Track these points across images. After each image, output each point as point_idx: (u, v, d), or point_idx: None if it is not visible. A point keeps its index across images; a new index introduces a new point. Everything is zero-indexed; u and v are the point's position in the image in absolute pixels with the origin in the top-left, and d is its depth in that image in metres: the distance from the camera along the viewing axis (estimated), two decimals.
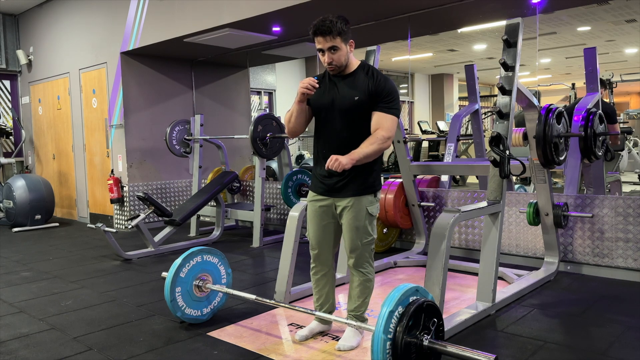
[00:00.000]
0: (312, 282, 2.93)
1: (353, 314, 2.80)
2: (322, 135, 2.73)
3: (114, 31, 6.62)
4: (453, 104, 14.21)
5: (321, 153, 2.72)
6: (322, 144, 2.73)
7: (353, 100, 2.61)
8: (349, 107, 2.62)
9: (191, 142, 6.33)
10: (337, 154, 2.51)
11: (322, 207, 2.76)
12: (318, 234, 2.81)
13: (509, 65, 3.23)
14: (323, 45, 2.58)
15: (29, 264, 4.94)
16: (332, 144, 2.67)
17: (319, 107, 2.70)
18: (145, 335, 3.04)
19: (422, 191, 4.90)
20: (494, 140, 3.10)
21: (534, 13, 4.86)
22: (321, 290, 2.91)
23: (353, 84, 2.64)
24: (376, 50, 4.09)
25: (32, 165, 8.58)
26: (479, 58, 11.75)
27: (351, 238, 2.70)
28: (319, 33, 2.58)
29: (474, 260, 4.40)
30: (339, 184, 2.67)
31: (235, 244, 5.68)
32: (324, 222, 2.78)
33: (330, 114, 2.66)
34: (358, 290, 2.77)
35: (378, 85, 2.61)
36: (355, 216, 2.67)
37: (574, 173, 4.30)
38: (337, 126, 2.65)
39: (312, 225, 2.81)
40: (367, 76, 2.65)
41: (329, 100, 2.66)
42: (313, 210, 2.79)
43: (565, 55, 11.58)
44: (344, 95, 2.63)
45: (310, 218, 2.82)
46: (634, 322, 3.02)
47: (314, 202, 2.79)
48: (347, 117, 2.63)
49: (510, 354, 2.64)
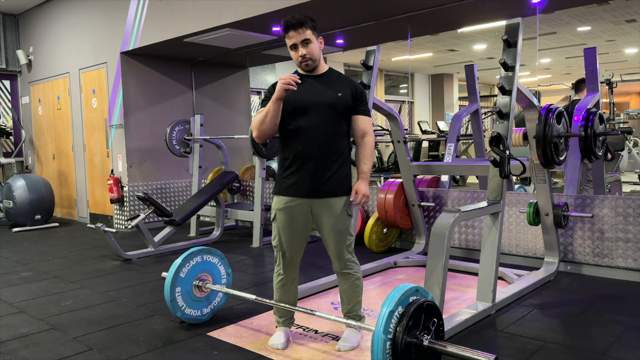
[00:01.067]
0: (278, 293, 2.78)
1: (350, 315, 2.78)
2: (299, 135, 2.59)
3: (113, 31, 6.62)
4: (453, 104, 14.22)
5: (296, 152, 2.59)
6: (296, 143, 2.59)
7: (337, 96, 2.60)
8: (332, 104, 2.59)
9: (191, 142, 6.33)
10: (318, 152, 2.55)
11: (299, 211, 2.64)
12: (294, 241, 2.68)
13: (509, 65, 3.23)
14: (296, 40, 2.57)
15: (29, 264, 4.94)
16: (310, 140, 2.57)
17: (300, 105, 2.58)
18: (145, 335, 3.04)
19: (422, 191, 4.90)
20: (494, 140, 3.10)
21: (534, 13, 4.86)
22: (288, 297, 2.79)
23: (329, 83, 2.65)
24: (376, 50, 4.09)
25: (32, 165, 8.58)
26: (479, 58, 11.75)
27: (335, 243, 2.66)
28: (290, 27, 2.56)
29: (474, 260, 4.40)
30: (323, 186, 2.59)
31: (235, 244, 5.68)
32: (299, 227, 2.67)
33: (311, 112, 2.58)
34: (350, 292, 2.75)
35: (357, 88, 2.68)
36: (337, 219, 2.63)
37: (574, 173, 4.30)
38: (319, 122, 2.58)
39: (287, 232, 2.66)
40: (342, 79, 2.69)
41: (311, 97, 2.59)
42: (288, 215, 2.63)
43: (565, 55, 11.58)
44: (326, 92, 2.61)
45: (284, 225, 2.65)
46: (634, 322, 3.02)
47: (291, 206, 2.62)
48: (329, 113, 2.60)
49: (510, 354, 2.64)
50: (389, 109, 4.35)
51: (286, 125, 2.61)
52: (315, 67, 2.65)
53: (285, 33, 2.59)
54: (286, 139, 2.64)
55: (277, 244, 2.71)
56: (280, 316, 2.84)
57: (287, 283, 2.78)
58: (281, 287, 2.78)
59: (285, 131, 2.63)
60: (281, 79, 2.47)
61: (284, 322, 2.85)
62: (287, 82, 2.45)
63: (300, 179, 2.60)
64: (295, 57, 2.62)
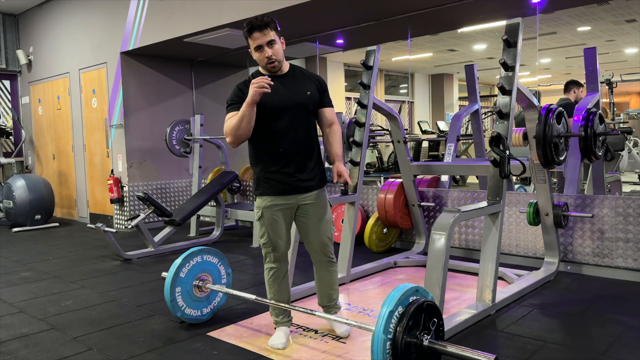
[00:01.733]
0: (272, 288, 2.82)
1: (332, 304, 2.94)
2: (278, 137, 2.64)
3: (114, 31, 6.62)
4: (453, 104, 14.21)
5: (277, 154, 2.65)
6: (276, 144, 2.64)
7: (306, 95, 2.69)
8: (303, 102, 2.67)
9: (191, 142, 6.33)
10: (298, 151, 2.65)
11: (286, 208, 2.71)
12: (283, 235, 2.74)
13: (509, 65, 3.23)
14: (261, 41, 2.58)
15: (29, 264, 4.94)
16: (289, 141, 2.64)
17: (275, 107, 2.62)
18: (145, 335, 3.04)
19: (422, 191, 4.90)
20: (494, 140, 3.10)
21: (534, 13, 4.86)
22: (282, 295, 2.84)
23: (296, 81, 2.71)
24: (376, 50, 4.09)
25: (32, 165, 8.58)
26: (479, 58, 11.74)
27: (322, 232, 2.78)
28: (255, 29, 2.58)
29: (474, 260, 4.40)
30: (306, 181, 2.69)
31: (235, 244, 5.68)
32: (287, 222, 2.74)
33: (286, 113, 2.64)
34: (333, 281, 2.90)
35: (321, 82, 2.78)
36: (321, 209, 2.76)
37: (574, 173, 4.30)
38: (294, 122, 2.65)
39: (276, 228, 2.71)
40: (305, 75, 2.76)
41: (284, 98, 2.63)
42: (275, 213, 2.70)
43: (565, 55, 11.57)
44: (296, 92, 2.67)
45: (271, 222, 2.70)
46: (634, 322, 3.02)
47: (276, 205, 2.69)
48: (302, 112, 2.68)
49: (510, 354, 2.64)
50: (389, 109, 4.35)
51: (262, 127, 2.63)
52: (280, 67, 2.69)
53: (250, 34, 2.60)
54: (264, 141, 2.67)
55: (267, 241, 2.75)
56: (278, 315, 2.87)
57: (279, 276, 2.83)
58: (274, 282, 2.82)
59: (262, 133, 2.65)
60: (253, 82, 2.48)
61: (283, 322, 2.87)
62: (261, 85, 2.46)
63: (285, 178, 2.67)
64: (261, 58, 2.63)
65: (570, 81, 5.73)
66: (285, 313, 2.87)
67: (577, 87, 5.68)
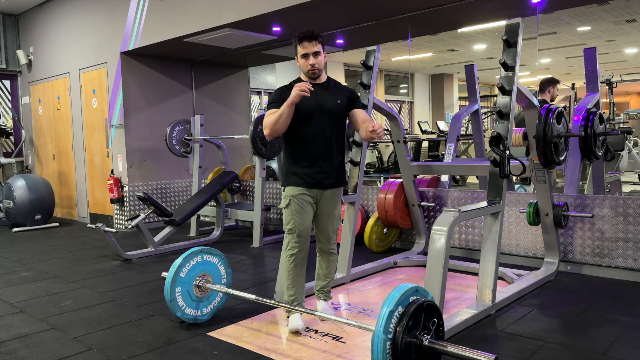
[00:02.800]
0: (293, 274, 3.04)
1: (325, 289, 3.23)
2: (306, 135, 2.97)
3: (114, 31, 6.62)
4: (453, 104, 14.21)
5: (306, 151, 2.99)
6: (307, 143, 2.98)
7: (337, 103, 3.03)
8: (333, 109, 3.02)
9: (191, 142, 6.33)
10: (324, 151, 2.99)
11: (310, 198, 3.03)
12: (307, 222, 3.03)
13: (509, 65, 3.23)
14: (309, 50, 2.93)
15: (29, 264, 4.94)
16: (318, 141, 2.98)
17: (309, 109, 2.95)
18: (145, 335, 3.04)
19: (422, 191, 4.90)
20: (494, 140, 3.10)
21: (534, 13, 4.86)
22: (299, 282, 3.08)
23: (330, 90, 3.06)
24: (376, 50, 4.09)
25: (32, 165, 8.58)
26: (479, 58, 11.75)
27: (331, 225, 3.13)
28: (306, 39, 2.92)
29: (474, 260, 4.40)
30: (328, 179, 3.03)
31: (235, 244, 5.68)
32: (309, 211, 3.05)
33: (317, 116, 2.97)
34: (332, 268, 3.24)
35: (351, 92, 3.15)
36: (335, 205, 3.12)
37: (574, 173, 4.30)
38: (324, 125, 2.99)
39: (302, 215, 3.01)
40: (338, 87, 3.12)
41: (317, 103, 2.97)
42: (302, 202, 3.01)
43: (565, 55, 11.58)
44: (328, 99, 3.01)
45: (298, 210, 3.01)
46: (634, 322, 3.02)
47: (303, 195, 3.00)
48: (332, 117, 3.02)
49: (510, 354, 2.64)
50: (389, 109, 4.35)
51: (296, 126, 2.96)
52: (319, 75, 3.03)
53: (300, 42, 2.94)
54: (297, 138, 3.01)
55: (293, 226, 3.01)
56: (292, 302, 3.05)
57: (299, 263, 3.06)
58: (294, 268, 3.05)
59: (295, 132, 2.98)
60: (297, 86, 2.81)
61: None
62: (303, 89, 2.79)
63: (312, 174, 3.00)
64: (305, 65, 2.97)
65: (545, 80, 5.34)
66: (299, 303, 3.07)
67: (552, 87, 5.30)
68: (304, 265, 3.08)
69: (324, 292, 3.24)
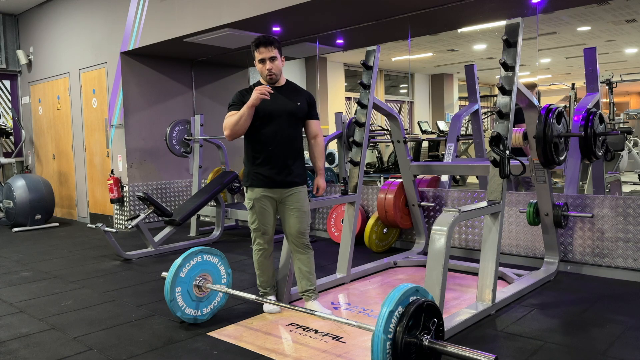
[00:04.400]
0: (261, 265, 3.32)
1: (312, 288, 3.31)
2: (266, 136, 3.10)
3: (114, 31, 6.62)
4: (453, 104, 14.21)
5: (267, 152, 3.11)
6: (266, 144, 3.11)
7: (296, 105, 3.16)
8: (293, 111, 3.15)
9: (191, 142, 6.33)
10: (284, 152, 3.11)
11: (272, 198, 3.19)
12: (270, 221, 3.24)
13: (509, 65, 3.23)
14: (265, 55, 3.07)
15: (29, 264, 4.94)
16: (278, 142, 3.11)
17: (269, 111, 3.08)
18: (145, 335, 3.04)
19: (422, 191, 4.90)
20: (494, 140, 3.10)
21: (534, 13, 4.86)
22: (268, 271, 3.35)
23: (289, 93, 3.18)
24: (376, 50, 4.09)
25: (32, 165, 8.58)
26: (479, 58, 11.74)
27: (302, 221, 3.23)
28: (262, 44, 3.06)
29: (474, 260, 4.40)
30: (288, 178, 3.16)
31: (235, 244, 5.68)
32: (272, 210, 3.23)
33: (277, 117, 3.10)
34: (312, 264, 3.32)
35: (310, 97, 3.26)
36: (302, 203, 3.23)
37: (574, 173, 4.30)
38: (284, 127, 3.12)
39: (265, 215, 3.21)
40: (297, 90, 3.24)
41: (278, 106, 3.10)
42: (265, 202, 3.19)
43: (565, 55, 11.58)
44: (288, 102, 3.14)
45: (262, 211, 3.20)
46: (634, 322, 3.02)
47: (264, 196, 3.17)
48: (292, 119, 3.15)
49: (510, 354, 2.64)
50: (389, 109, 4.35)
51: (257, 128, 3.10)
52: (277, 79, 3.17)
53: (257, 48, 3.09)
54: (256, 140, 3.13)
55: (257, 226, 3.24)
56: (264, 287, 3.37)
57: (267, 256, 3.33)
58: (263, 260, 3.32)
59: (255, 133, 3.12)
60: (257, 89, 2.96)
61: (270, 292, 3.40)
62: (263, 92, 2.95)
63: (272, 174, 3.14)
64: (262, 69, 3.12)
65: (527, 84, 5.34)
66: (271, 286, 3.39)
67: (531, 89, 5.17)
68: (271, 257, 3.35)
69: (312, 291, 3.33)
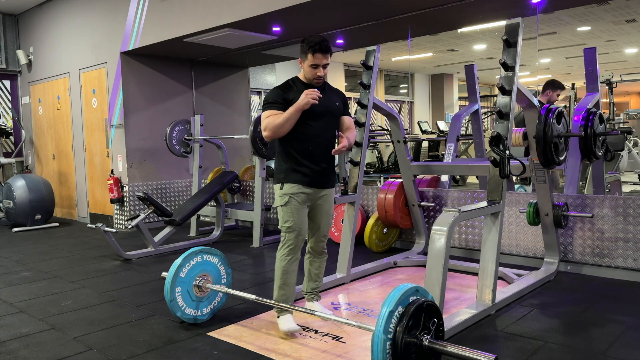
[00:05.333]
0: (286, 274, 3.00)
1: (317, 290, 3.28)
2: (307, 136, 2.99)
3: (114, 31, 6.62)
4: (453, 104, 14.21)
5: (307, 151, 3.00)
6: (308, 143, 3.00)
7: (336, 105, 3.12)
8: (335, 112, 3.10)
9: (191, 142, 6.33)
10: (323, 151, 3.03)
11: (307, 197, 3.04)
12: (304, 219, 3.06)
13: (509, 65, 3.23)
14: (320, 62, 2.94)
15: (29, 264, 4.94)
16: (319, 142, 3.02)
17: (313, 114, 2.97)
18: (145, 335, 3.04)
19: (422, 191, 4.90)
20: (494, 140, 3.10)
21: (534, 13, 4.86)
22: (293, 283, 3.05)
23: (328, 94, 3.10)
24: (376, 50, 4.09)
25: (32, 165, 8.58)
26: (479, 58, 11.74)
27: (327, 225, 3.18)
28: (320, 51, 2.91)
29: (474, 260, 4.40)
30: (323, 177, 3.06)
31: (235, 244, 5.68)
32: (306, 211, 3.08)
33: (320, 120, 3.01)
34: (321, 269, 3.27)
35: (344, 97, 3.23)
36: (330, 204, 3.17)
37: (574, 173, 4.30)
38: (326, 127, 3.05)
39: (301, 213, 3.02)
40: (334, 91, 3.20)
41: (320, 108, 2.98)
42: (301, 199, 3.01)
43: (565, 55, 11.57)
44: (329, 103, 3.07)
45: (297, 208, 3.00)
46: (634, 322, 3.02)
47: (301, 193, 3.01)
48: (332, 120, 3.10)
49: (510, 354, 2.64)
50: (389, 109, 4.35)
51: (300, 127, 2.97)
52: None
53: (313, 53, 2.92)
54: (298, 138, 3.00)
55: (292, 224, 2.99)
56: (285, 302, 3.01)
57: (295, 261, 3.04)
58: (289, 266, 3.01)
59: (297, 132, 2.98)
60: (307, 92, 2.86)
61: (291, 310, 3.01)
62: (314, 97, 2.86)
63: (311, 173, 3.01)
64: (313, 74, 2.97)
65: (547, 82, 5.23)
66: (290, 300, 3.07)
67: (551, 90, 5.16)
68: (297, 264, 3.06)
69: (316, 292, 3.29)
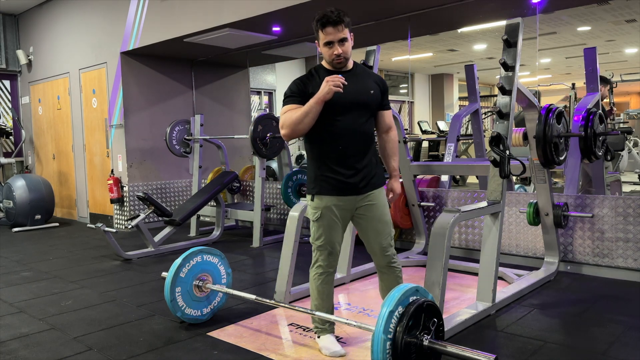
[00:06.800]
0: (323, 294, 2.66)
1: None
2: (339, 135, 2.50)
3: (114, 31, 6.62)
4: (453, 104, 14.21)
5: (337, 151, 2.50)
6: (337, 141, 2.50)
7: (369, 94, 2.56)
8: (366, 101, 2.55)
9: (191, 142, 6.33)
10: (358, 149, 2.51)
11: (344, 208, 2.57)
12: (339, 238, 2.62)
13: (509, 65, 3.23)
14: (334, 37, 2.44)
15: (29, 264, 4.94)
16: (352, 141, 2.51)
17: (339, 105, 2.47)
18: (145, 335, 3.04)
19: (422, 191, 4.90)
20: (494, 140, 3.10)
21: (534, 13, 4.86)
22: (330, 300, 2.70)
23: (359, 79, 2.57)
24: (376, 50, 4.09)
25: (32, 165, 8.58)
26: (479, 58, 11.75)
27: (383, 235, 2.62)
28: (329, 24, 2.43)
29: (474, 260, 4.40)
30: (361, 181, 2.55)
31: (235, 244, 5.68)
32: (343, 224, 2.61)
33: (349, 112, 2.50)
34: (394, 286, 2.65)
35: (383, 83, 2.64)
36: (383, 210, 2.61)
37: (574, 173, 4.30)
38: (356, 120, 2.52)
39: (334, 231, 2.58)
40: (368, 74, 2.63)
41: (348, 97, 2.48)
42: (335, 214, 2.56)
43: (565, 55, 11.58)
44: (360, 91, 2.53)
45: (331, 224, 2.57)
46: (634, 322, 3.02)
47: (336, 205, 2.55)
48: (364, 111, 2.55)
49: (510, 354, 2.64)
50: None
51: (324, 124, 2.49)
52: (346, 64, 2.56)
53: (322, 28, 2.45)
54: (324, 138, 2.53)
55: (324, 243, 2.59)
56: (324, 322, 2.71)
57: (329, 281, 2.67)
58: (324, 286, 2.65)
59: (323, 131, 2.51)
60: (328, 79, 2.38)
61: (330, 328, 2.73)
62: (337, 84, 2.37)
63: (345, 178, 2.52)
64: (329, 54, 2.48)
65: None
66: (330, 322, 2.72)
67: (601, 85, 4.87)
68: (333, 282, 2.71)
69: None
